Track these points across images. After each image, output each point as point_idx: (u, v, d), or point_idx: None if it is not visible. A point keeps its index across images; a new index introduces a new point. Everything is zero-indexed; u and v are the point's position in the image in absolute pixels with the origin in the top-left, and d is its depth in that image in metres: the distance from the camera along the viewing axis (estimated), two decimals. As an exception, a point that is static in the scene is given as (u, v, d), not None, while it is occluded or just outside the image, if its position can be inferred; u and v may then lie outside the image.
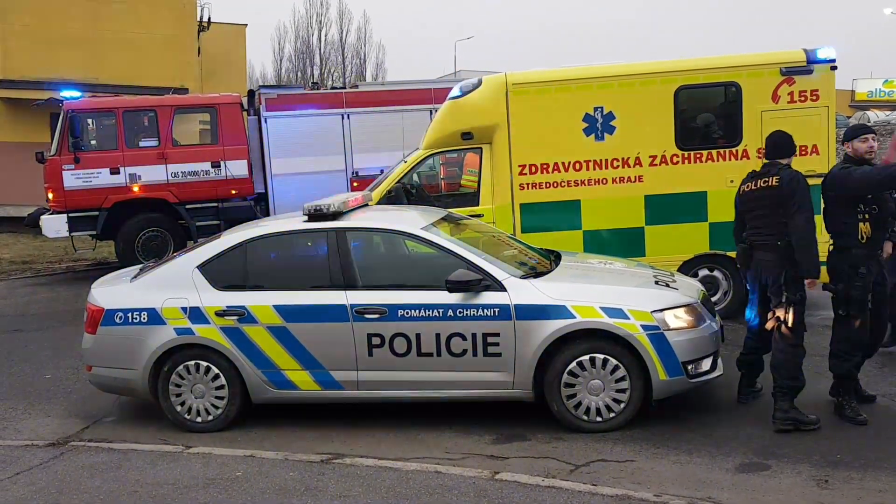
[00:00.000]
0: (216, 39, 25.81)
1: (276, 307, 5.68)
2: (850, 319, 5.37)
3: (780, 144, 5.57)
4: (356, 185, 12.44)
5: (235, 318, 5.71)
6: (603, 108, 8.14)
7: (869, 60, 72.82)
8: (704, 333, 5.54)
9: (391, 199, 8.27)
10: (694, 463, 4.93)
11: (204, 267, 5.91)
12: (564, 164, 8.20)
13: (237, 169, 13.01)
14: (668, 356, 5.34)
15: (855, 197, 5.33)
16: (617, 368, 5.39)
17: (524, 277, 5.65)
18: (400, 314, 5.53)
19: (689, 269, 8.16)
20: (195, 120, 13.80)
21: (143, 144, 12.83)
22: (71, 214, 12.56)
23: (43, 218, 12.99)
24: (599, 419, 5.45)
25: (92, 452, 5.46)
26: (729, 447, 5.12)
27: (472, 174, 8.62)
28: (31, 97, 18.05)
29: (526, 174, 8.22)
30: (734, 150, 8.10)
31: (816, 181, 5.87)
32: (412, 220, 6.17)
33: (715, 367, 5.65)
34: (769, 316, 5.45)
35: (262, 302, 5.71)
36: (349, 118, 13.36)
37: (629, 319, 5.36)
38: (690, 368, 5.45)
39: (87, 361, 6.13)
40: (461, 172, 9.36)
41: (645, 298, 5.54)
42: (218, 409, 5.84)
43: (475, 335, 5.46)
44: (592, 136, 8.17)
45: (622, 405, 5.43)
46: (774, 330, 5.40)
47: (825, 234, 5.53)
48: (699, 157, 8.14)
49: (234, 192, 13.07)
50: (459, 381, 5.57)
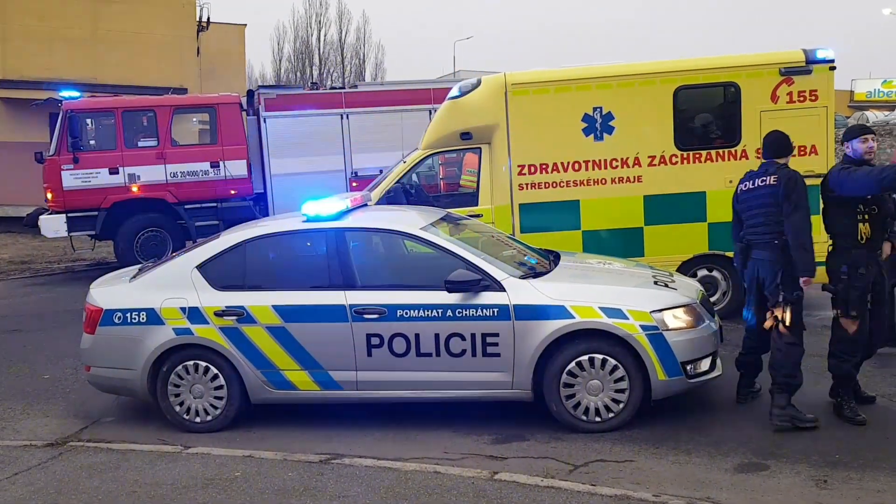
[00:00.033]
0: (215, 39, 25.85)
1: (275, 307, 5.68)
2: (848, 320, 5.37)
3: (777, 144, 5.57)
4: (355, 185, 12.44)
5: (234, 318, 5.71)
6: (602, 108, 8.14)
7: (868, 61, 72.91)
8: (703, 333, 5.54)
9: (390, 199, 8.27)
10: (693, 463, 4.93)
11: (203, 267, 5.91)
12: (563, 164, 8.20)
13: (236, 169, 13.01)
14: (666, 356, 5.34)
15: (854, 197, 5.33)
16: (616, 368, 5.39)
17: (523, 278, 5.65)
18: (399, 314, 5.53)
19: (688, 269, 8.16)
20: (194, 120, 13.81)
21: (142, 144, 12.84)
22: (70, 214, 12.57)
23: (42, 218, 12.99)
24: (598, 419, 5.45)
25: (90, 453, 5.46)
26: (728, 447, 5.11)
27: (471, 174, 8.62)
28: (30, 97, 18.04)
29: (525, 174, 8.22)
30: (733, 150, 8.10)
31: (815, 181, 5.87)
32: (411, 220, 6.16)
33: (714, 367, 5.65)
34: (767, 315, 5.46)
35: (261, 302, 5.71)
36: (348, 118, 13.38)
37: (628, 319, 5.36)
38: (689, 368, 5.45)
39: (85, 362, 6.13)
40: (460, 172, 9.36)
41: (644, 298, 5.53)
42: (217, 409, 5.83)
43: (474, 335, 5.46)
44: (591, 136, 8.17)
45: (621, 405, 5.43)
46: (773, 329, 5.40)
47: (824, 234, 5.53)
48: (698, 157, 8.14)
49: (233, 192, 13.07)
50: (458, 381, 5.57)
